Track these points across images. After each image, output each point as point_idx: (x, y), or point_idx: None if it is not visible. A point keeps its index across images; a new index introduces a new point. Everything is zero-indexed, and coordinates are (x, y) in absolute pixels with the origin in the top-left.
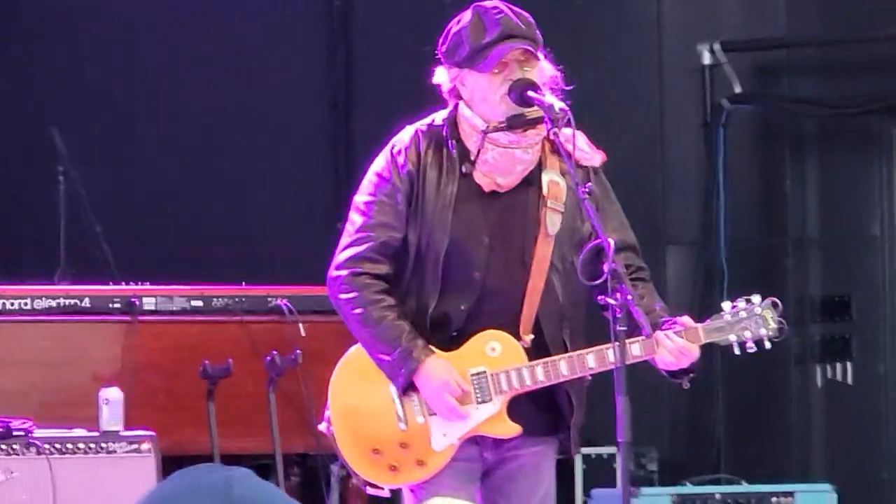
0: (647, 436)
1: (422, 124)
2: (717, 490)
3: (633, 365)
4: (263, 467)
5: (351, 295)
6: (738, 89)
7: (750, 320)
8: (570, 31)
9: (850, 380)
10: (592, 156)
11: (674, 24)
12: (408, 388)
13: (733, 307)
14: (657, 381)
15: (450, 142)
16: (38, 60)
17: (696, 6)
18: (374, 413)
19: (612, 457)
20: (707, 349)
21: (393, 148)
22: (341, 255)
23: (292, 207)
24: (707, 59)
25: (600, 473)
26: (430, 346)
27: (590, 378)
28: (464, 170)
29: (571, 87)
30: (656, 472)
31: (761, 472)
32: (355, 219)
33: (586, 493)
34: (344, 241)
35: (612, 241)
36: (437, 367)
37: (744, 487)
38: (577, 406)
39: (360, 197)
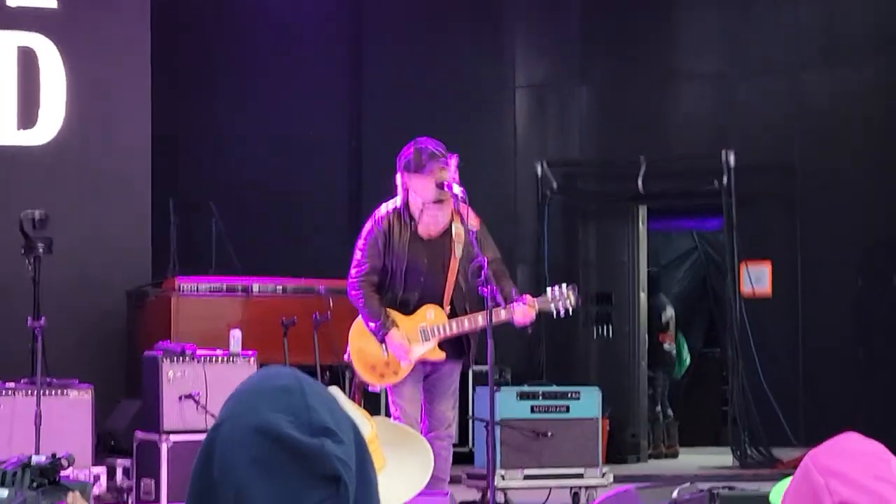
0: (504, 359)
1: (388, 205)
2: (540, 389)
3: (502, 322)
4: (309, 372)
5: (357, 293)
6: (555, 186)
7: (560, 298)
8: (466, 150)
9: (611, 334)
10: (475, 220)
11: (522, 148)
12: (382, 341)
13: (551, 290)
14: (512, 330)
15: (404, 213)
16: None
17: (535, 140)
18: (370, 349)
19: (485, 371)
20: (540, 314)
21: (375, 217)
22: (352, 272)
23: (326, 230)
24: (539, 170)
25: (480, 380)
26: (397, 315)
27: (477, 329)
28: (412, 226)
29: (463, 183)
30: (510, 379)
31: (564, 381)
32: (357, 254)
33: (473, 389)
34: (353, 264)
35: (486, 260)
36: (395, 333)
37: (554, 388)
38: (473, 344)
39: (361, 242)
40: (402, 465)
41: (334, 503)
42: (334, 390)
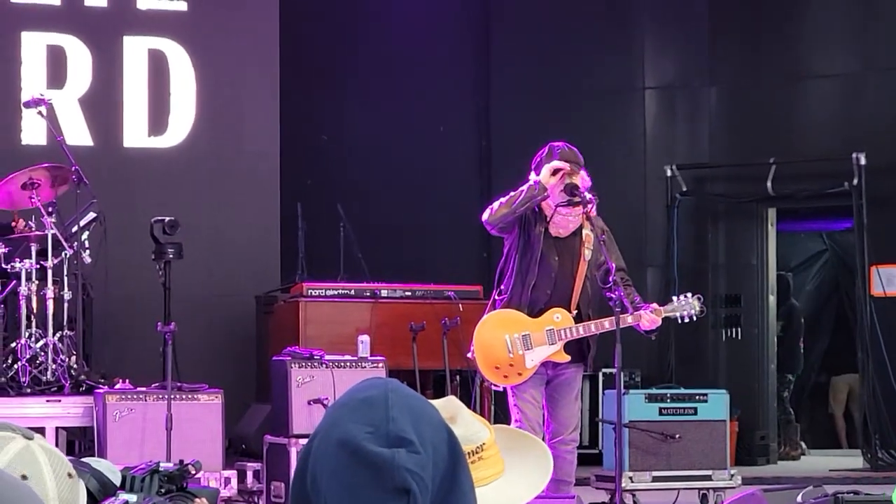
0: (633, 363)
1: None
2: (668, 391)
3: (627, 328)
4: (440, 377)
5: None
6: (684, 188)
7: (686, 305)
8: (595, 152)
9: (739, 336)
10: (603, 227)
11: (652, 153)
12: (542, 191)
13: (677, 298)
14: (640, 336)
15: (538, 209)
16: None
17: (664, 141)
18: (495, 348)
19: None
20: (666, 320)
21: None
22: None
23: (456, 233)
24: (669, 172)
25: (609, 383)
26: (524, 316)
27: (600, 333)
28: (544, 223)
29: (593, 186)
30: (639, 382)
31: (692, 384)
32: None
33: (602, 392)
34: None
35: (614, 265)
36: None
37: (682, 391)
38: (593, 347)
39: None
40: (522, 470)
41: None
42: (451, 400)
